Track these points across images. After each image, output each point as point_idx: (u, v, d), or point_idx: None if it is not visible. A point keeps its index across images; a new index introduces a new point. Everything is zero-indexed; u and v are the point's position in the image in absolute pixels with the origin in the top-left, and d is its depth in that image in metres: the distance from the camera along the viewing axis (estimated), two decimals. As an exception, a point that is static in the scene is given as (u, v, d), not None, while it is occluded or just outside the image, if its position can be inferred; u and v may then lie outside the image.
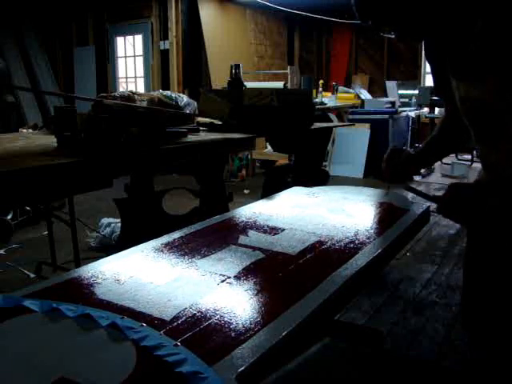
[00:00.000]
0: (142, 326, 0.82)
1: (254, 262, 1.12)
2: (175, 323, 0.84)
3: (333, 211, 1.57)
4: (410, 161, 1.43)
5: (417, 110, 7.29)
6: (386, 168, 1.46)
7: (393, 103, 6.81)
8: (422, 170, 5.58)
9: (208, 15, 6.69)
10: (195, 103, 2.44)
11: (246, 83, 2.73)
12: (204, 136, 2.29)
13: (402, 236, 1.39)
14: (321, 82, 6.78)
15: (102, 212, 4.00)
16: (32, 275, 3.00)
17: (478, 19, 1.00)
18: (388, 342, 2.23)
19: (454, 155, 6.29)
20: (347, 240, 1.28)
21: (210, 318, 0.86)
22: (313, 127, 2.77)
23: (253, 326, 0.84)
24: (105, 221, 3.66)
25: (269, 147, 5.82)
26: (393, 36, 1.14)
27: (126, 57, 7.50)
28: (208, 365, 0.71)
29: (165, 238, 1.29)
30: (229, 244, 1.25)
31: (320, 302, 0.93)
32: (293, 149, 3.18)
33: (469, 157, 6.41)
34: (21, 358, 0.75)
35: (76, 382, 0.68)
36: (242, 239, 1.29)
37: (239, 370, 0.71)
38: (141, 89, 7.12)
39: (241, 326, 0.84)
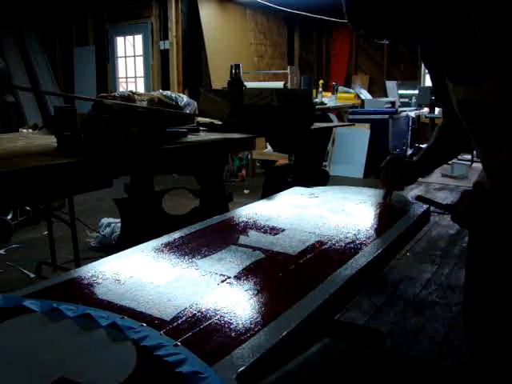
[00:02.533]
0: (142, 325, 0.82)
1: (254, 262, 1.12)
2: (175, 323, 0.84)
3: (333, 211, 1.57)
4: (410, 169, 1.42)
5: (417, 110, 7.29)
6: (384, 176, 1.46)
7: (393, 103, 6.82)
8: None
9: (208, 15, 6.69)
10: (195, 103, 2.44)
11: (246, 83, 2.73)
12: (204, 136, 2.29)
13: (402, 236, 1.39)
14: (321, 82, 6.78)
15: (102, 212, 4.00)
16: (32, 275, 3.00)
17: (471, 16, 0.99)
18: (388, 342, 2.23)
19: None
20: (347, 240, 1.28)
21: (210, 318, 0.86)
22: (313, 127, 2.77)
23: (253, 326, 0.84)
24: (105, 221, 3.66)
25: (269, 147, 5.82)
26: (387, 42, 1.14)
27: (126, 57, 7.51)
28: (208, 365, 0.71)
29: (165, 238, 1.29)
30: (229, 244, 1.25)
31: (320, 302, 0.93)
32: (293, 149, 3.18)
33: (469, 157, 6.41)
34: (21, 358, 0.75)
35: (76, 382, 0.68)
36: (242, 239, 1.29)
37: (239, 370, 0.71)
38: (141, 89, 7.13)
39: (241, 325, 0.84)
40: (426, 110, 7.17)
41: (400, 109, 6.85)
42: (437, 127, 1.44)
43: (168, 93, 2.36)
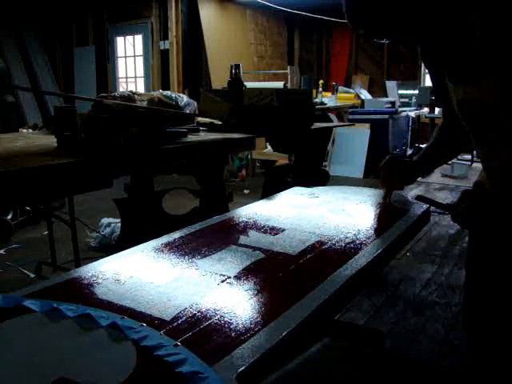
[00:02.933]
0: (142, 325, 0.82)
1: (254, 262, 1.12)
2: (175, 323, 0.84)
3: (333, 211, 1.57)
4: (410, 169, 1.42)
5: (417, 110, 7.29)
6: (384, 175, 1.46)
7: (393, 103, 6.81)
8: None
9: (208, 15, 6.69)
10: (195, 103, 2.44)
11: (246, 83, 2.73)
12: (204, 136, 2.29)
13: (402, 236, 1.39)
14: (321, 82, 6.78)
15: (102, 212, 4.00)
16: (32, 275, 3.00)
17: (471, 16, 0.99)
18: (388, 342, 2.23)
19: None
20: (347, 240, 1.28)
21: (210, 318, 0.86)
22: (313, 127, 2.77)
23: (253, 326, 0.84)
24: (105, 221, 3.66)
25: (269, 147, 5.82)
26: (387, 42, 1.14)
27: (126, 57, 7.51)
28: (208, 365, 0.71)
29: (165, 238, 1.29)
30: (229, 244, 1.25)
31: (320, 302, 0.93)
32: (293, 149, 3.18)
33: (469, 157, 6.41)
34: (21, 358, 0.75)
35: (76, 382, 0.68)
36: (242, 239, 1.29)
37: (239, 370, 0.71)
38: (141, 89, 7.13)
39: (241, 325, 0.84)
40: (426, 109, 7.17)
41: (400, 109, 6.85)
42: (437, 127, 1.44)
43: (168, 93, 2.36)
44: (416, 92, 7.24)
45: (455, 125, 1.24)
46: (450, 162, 5.98)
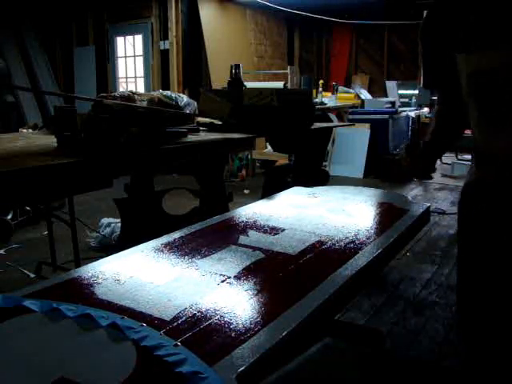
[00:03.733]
0: (142, 326, 0.82)
1: (254, 262, 1.12)
2: (175, 323, 0.84)
3: (333, 211, 1.57)
4: (428, 150, 1.40)
5: (417, 110, 7.29)
6: (408, 163, 1.43)
7: (393, 103, 6.81)
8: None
9: (208, 15, 6.69)
10: (195, 103, 2.44)
11: (245, 83, 2.73)
12: (204, 136, 2.29)
13: (402, 236, 1.39)
14: (321, 82, 6.78)
15: (102, 212, 4.00)
16: (32, 275, 3.00)
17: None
18: (388, 342, 2.23)
19: (453, 155, 6.29)
20: (347, 240, 1.28)
21: (210, 318, 0.86)
22: (313, 127, 2.77)
23: (253, 326, 0.84)
24: (105, 221, 3.66)
25: (269, 147, 5.82)
26: None
27: (126, 57, 7.51)
28: (208, 365, 0.71)
29: (165, 238, 1.30)
30: (229, 244, 1.25)
31: (320, 302, 0.93)
32: (293, 149, 3.18)
33: (469, 157, 6.41)
34: (21, 358, 0.75)
35: (76, 382, 0.68)
36: (242, 239, 1.29)
37: (239, 370, 0.71)
38: (141, 89, 7.12)
39: (241, 325, 0.84)
40: (426, 109, 7.17)
41: (400, 109, 6.85)
42: (433, 114, 1.43)
43: (168, 93, 2.36)
44: (416, 92, 7.24)
45: (453, 109, 1.24)
46: (450, 162, 5.98)
